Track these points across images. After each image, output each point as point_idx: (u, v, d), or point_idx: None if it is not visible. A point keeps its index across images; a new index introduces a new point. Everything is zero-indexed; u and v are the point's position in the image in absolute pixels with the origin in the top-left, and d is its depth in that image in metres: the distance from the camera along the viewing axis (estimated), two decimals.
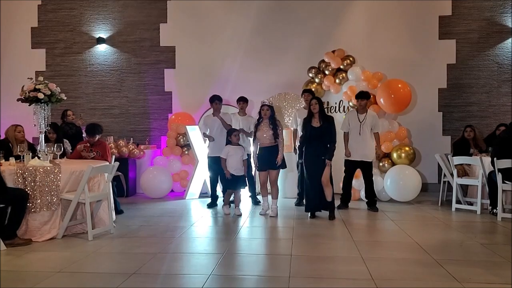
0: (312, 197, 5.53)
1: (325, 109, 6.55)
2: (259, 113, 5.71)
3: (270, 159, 5.62)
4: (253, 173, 6.45)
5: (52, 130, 5.96)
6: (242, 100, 6.58)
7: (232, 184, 5.88)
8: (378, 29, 8.05)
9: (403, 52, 7.98)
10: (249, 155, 6.11)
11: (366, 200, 6.32)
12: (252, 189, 6.54)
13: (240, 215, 5.79)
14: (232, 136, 5.87)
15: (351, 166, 6.16)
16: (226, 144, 5.92)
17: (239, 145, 5.93)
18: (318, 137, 5.45)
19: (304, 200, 6.39)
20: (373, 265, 3.63)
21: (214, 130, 6.41)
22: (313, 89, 7.45)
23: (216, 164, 6.16)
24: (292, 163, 6.75)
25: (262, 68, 8.19)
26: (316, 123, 5.51)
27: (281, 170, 5.79)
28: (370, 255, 3.93)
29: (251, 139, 6.22)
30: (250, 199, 6.65)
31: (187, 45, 8.44)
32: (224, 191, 6.16)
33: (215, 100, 6.40)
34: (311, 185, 5.50)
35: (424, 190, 7.48)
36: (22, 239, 4.26)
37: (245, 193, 6.48)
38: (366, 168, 6.16)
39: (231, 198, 6.10)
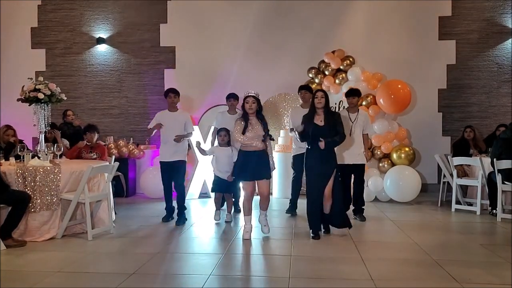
0: (316, 212, 4.64)
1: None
2: (243, 107, 4.57)
3: (261, 167, 4.51)
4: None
5: (51, 130, 5.97)
6: (233, 97, 6.05)
7: (220, 187, 5.44)
8: (378, 30, 8.06)
9: (403, 52, 7.98)
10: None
11: (353, 208, 5.62)
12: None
13: (231, 221, 5.46)
14: (218, 136, 5.47)
15: (345, 171, 5.46)
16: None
17: (228, 145, 5.39)
18: (323, 138, 4.52)
19: (296, 209, 5.83)
20: (372, 266, 3.63)
21: (166, 129, 5.41)
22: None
23: (170, 170, 5.42)
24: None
25: (262, 68, 8.19)
26: (319, 121, 4.60)
27: (274, 172, 5.10)
28: (369, 256, 3.94)
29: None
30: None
31: (187, 45, 8.44)
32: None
33: (169, 93, 5.49)
34: (315, 196, 4.61)
35: (424, 191, 7.47)
36: (16, 241, 4.21)
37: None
38: (359, 171, 5.62)
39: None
